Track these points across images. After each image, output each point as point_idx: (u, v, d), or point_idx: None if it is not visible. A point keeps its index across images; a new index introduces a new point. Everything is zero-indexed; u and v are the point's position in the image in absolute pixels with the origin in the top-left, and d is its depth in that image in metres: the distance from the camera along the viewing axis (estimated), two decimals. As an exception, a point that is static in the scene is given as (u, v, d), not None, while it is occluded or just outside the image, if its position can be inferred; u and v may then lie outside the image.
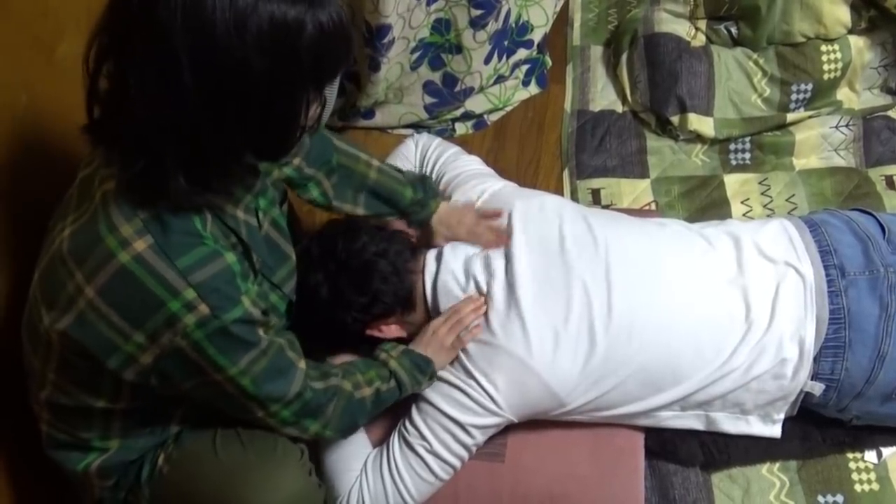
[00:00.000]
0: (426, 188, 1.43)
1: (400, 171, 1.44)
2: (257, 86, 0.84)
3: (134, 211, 0.91)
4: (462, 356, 1.27)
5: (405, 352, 1.26)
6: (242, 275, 0.97)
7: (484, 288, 1.30)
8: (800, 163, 1.84)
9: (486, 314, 1.28)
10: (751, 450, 1.40)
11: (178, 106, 0.83)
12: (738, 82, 1.91)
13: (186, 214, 0.94)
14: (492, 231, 1.38)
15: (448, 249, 1.37)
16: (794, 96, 1.90)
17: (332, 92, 0.97)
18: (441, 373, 1.28)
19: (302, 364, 1.08)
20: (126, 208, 0.92)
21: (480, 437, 1.28)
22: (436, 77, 1.91)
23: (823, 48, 1.90)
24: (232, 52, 0.81)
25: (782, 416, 1.33)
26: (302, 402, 1.08)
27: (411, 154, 1.62)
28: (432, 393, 1.27)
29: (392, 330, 1.34)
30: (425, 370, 1.25)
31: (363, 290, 1.29)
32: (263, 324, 1.00)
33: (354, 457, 1.29)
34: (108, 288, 0.91)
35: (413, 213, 1.42)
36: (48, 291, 0.97)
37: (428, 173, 1.57)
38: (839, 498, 1.37)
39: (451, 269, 1.34)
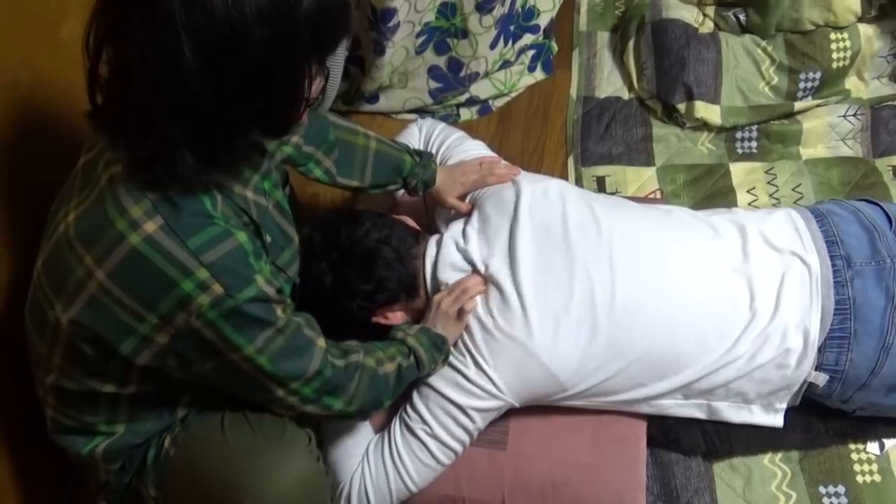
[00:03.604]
0: (422, 153, 1.46)
1: (395, 140, 1.46)
2: (258, 59, 0.84)
3: (143, 193, 0.91)
4: (464, 339, 1.27)
5: (422, 329, 1.26)
6: (255, 254, 0.97)
7: (482, 273, 1.30)
8: (807, 152, 1.83)
9: (486, 298, 1.28)
10: (753, 439, 1.40)
11: (181, 84, 0.83)
12: (746, 70, 1.90)
13: (196, 195, 0.94)
14: (500, 167, 1.41)
15: (448, 234, 1.37)
16: (802, 84, 1.89)
17: (336, 73, 0.96)
18: None
19: (321, 342, 1.07)
20: (134, 190, 0.91)
21: (481, 420, 1.27)
22: (441, 62, 1.90)
23: (833, 36, 1.88)
24: (231, 26, 0.81)
25: (785, 405, 1.33)
26: (322, 380, 1.07)
27: (415, 139, 1.62)
28: (434, 376, 1.27)
29: (397, 317, 1.33)
30: (441, 348, 1.25)
31: (368, 278, 1.29)
32: (280, 302, 1.00)
33: (356, 443, 1.29)
34: (119, 271, 0.91)
35: (417, 175, 1.44)
36: (55, 277, 0.97)
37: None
38: (840, 489, 1.37)
39: (450, 253, 1.33)
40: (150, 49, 0.82)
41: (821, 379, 1.28)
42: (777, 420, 1.34)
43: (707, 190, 1.79)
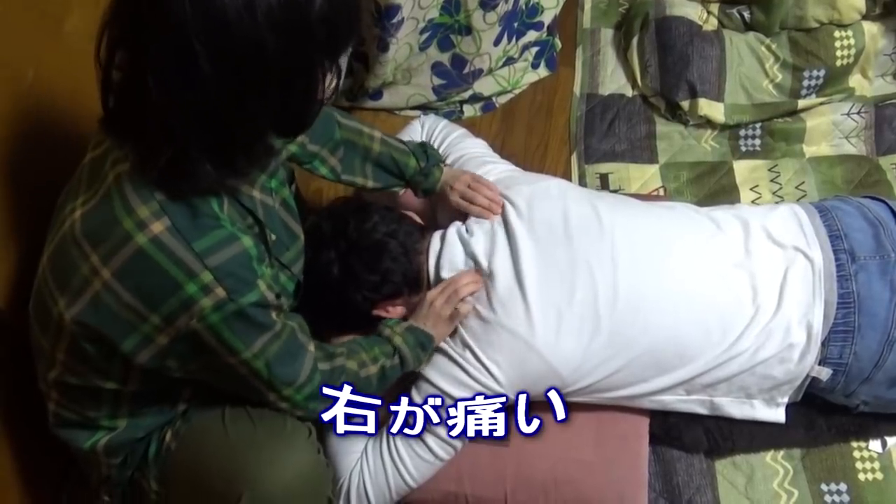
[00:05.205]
0: (429, 157, 1.44)
1: (402, 140, 1.45)
2: (275, 64, 0.85)
3: (151, 193, 0.91)
4: (463, 334, 1.27)
5: (409, 328, 1.26)
6: (259, 258, 0.97)
7: (485, 268, 1.30)
8: (810, 150, 1.83)
9: (487, 293, 1.27)
10: (755, 437, 1.40)
11: (199, 94, 0.83)
12: (750, 67, 1.90)
13: (204, 197, 0.94)
14: (486, 198, 1.37)
15: (451, 230, 1.37)
16: (805, 82, 1.88)
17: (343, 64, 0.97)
18: (441, 350, 1.28)
19: (311, 347, 1.09)
20: (143, 190, 0.91)
21: (480, 416, 1.28)
22: (444, 58, 1.89)
23: (837, 34, 1.88)
24: (246, 34, 0.81)
25: (787, 399, 1.33)
26: (312, 386, 1.08)
27: (417, 135, 1.62)
28: (432, 371, 1.27)
29: (398, 311, 1.33)
30: (427, 347, 1.25)
31: (374, 269, 1.29)
32: (277, 307, 1.00)
33: (355, 440, 1.29)
34: (124, 270, 0.91)
35: (418, 184, 1.43)
36: (60, 273, 0.97)
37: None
38: (842, 486, 1.37)
39: (453, 249, 1.33)
40: (166, 62, 0.82)
41: (824, 374, 1.28)
42: (779, 415, 1.34)
43: (710, 188, 1.79)
